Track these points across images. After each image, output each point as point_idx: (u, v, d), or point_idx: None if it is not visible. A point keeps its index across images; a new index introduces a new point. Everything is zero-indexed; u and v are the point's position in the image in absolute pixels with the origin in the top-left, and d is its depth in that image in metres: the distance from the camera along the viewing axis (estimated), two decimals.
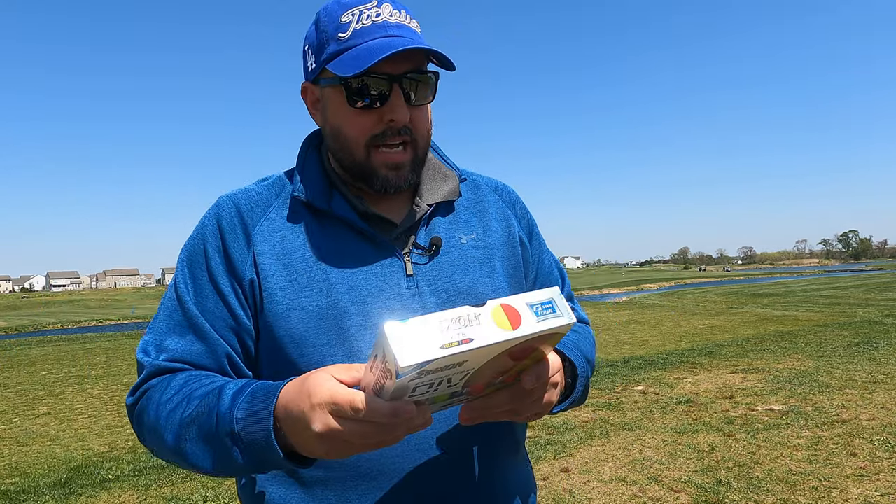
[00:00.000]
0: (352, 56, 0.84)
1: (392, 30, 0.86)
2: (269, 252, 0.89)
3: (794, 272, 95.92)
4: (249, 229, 0.90)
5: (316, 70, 0.90)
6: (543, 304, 0.65)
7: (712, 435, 4.75)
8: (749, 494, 3.57)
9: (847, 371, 6.80)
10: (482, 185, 1.07)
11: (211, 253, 0.89)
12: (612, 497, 3.69)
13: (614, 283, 61.22)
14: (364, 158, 0.89)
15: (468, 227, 0.99)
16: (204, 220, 0.93)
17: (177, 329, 0.87)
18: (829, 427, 4.75)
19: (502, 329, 0.61)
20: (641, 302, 24.36)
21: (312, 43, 0.91)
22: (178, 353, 0.86)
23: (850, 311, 14.55)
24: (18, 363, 13.22)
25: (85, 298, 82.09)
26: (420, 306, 0.89)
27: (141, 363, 0.87)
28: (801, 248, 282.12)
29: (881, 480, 3.65)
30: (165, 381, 0.84)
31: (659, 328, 13.43)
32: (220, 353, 0.86)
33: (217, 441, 0.73)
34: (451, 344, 0.57)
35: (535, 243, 1.09)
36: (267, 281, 0.87)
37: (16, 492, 4.48)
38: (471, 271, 0.95)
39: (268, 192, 0.95)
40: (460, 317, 0.60)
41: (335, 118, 0.90)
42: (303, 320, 0.86)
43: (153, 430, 0.82)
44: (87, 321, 36.45)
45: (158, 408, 0.81)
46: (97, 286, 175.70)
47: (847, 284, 28.95)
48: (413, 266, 0.92)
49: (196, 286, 0.89)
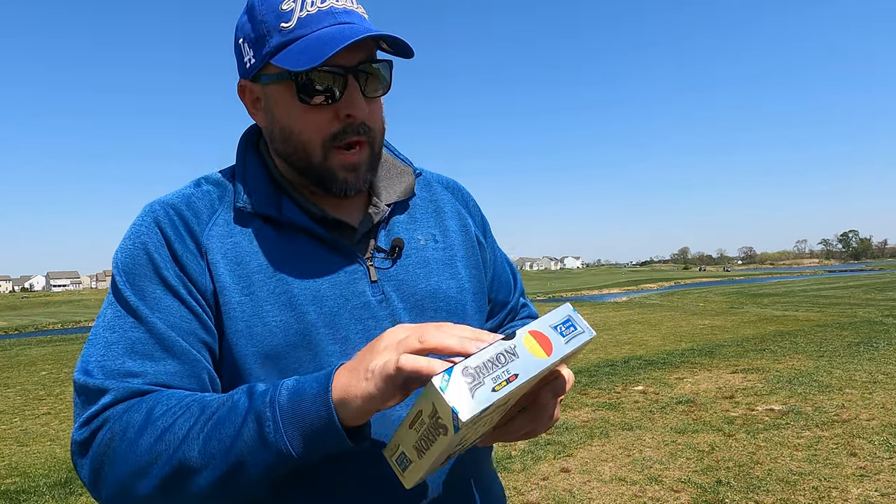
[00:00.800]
0: (301, 48, 0.76)
1: (341, 16, 0.78)
2: (222, 261, 0.79)
3: (794, 272, 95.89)
4: (198, 235, 0.80)
5: (256, 66, 0.81)
6: (564, 324, 0.66)
7: (712, 435, 4.75)
8: (749, 494, 3.57)
9: (847, 371, 6.79)
10: (433, 182, 1.02)
11: (160, 262, 0.77)
12: (612, 497, 3.69)
13: (614, 283, 61.20)
14: (321, 161, 0.81)
15: (426, 228, 0.94)
16: (138, 228, 0.80)
17: (139, 348, 0.73)
18: (829, 427, 4.75)
19: (539, 358, 0.61)
20: (641, 302, 24.35)
21: (248, 35, 0.81)
22: (152, 377, 0.72)
23: (850, 311, 14.54)
24: (18, 363, 13.22)
25: (85, 298, 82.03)
26: (388, 314, 0.84)
27: (97, 387, 0.70)
28: (801, 248, 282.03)
29: (881, 480, 3.65)
30: (141, 403, 0.69)
31: (659, 328, 13.42)
32: (200, 372, 0.75)
33: (244, 424, 0.63)
34: (500, 385, 0.57)
35: (490, 241, 1.06)
36: (224, 294, 0.78)
37: (16, 492, 4.48)
38: (434, 273, 0.90)
39: (209, 198, 0.84)
40: (499, 354, 0.59)
41: (285, 118, 0.81)
42: (266, 337, 0.77)
43: (132, 461, 0.66)
44: (87, 321, 36.42)
45: (145, 428, 0.66)
46: (97, 286, 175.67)
47: (847, 284, 28.94)
48: (377, 271, 0.86)
49: (150, 302, 0.76)
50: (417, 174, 0.97)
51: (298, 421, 0.63)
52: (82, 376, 0.73)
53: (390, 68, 0.84)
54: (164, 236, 0.79)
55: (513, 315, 1.09)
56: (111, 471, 0.68)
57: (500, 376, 0.58)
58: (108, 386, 0.71)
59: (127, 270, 0.78)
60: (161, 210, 0.81)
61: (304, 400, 0.64)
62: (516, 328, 0.95)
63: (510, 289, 1.09)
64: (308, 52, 0.75)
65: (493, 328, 1.05)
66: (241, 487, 0.66)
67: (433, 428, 0.58)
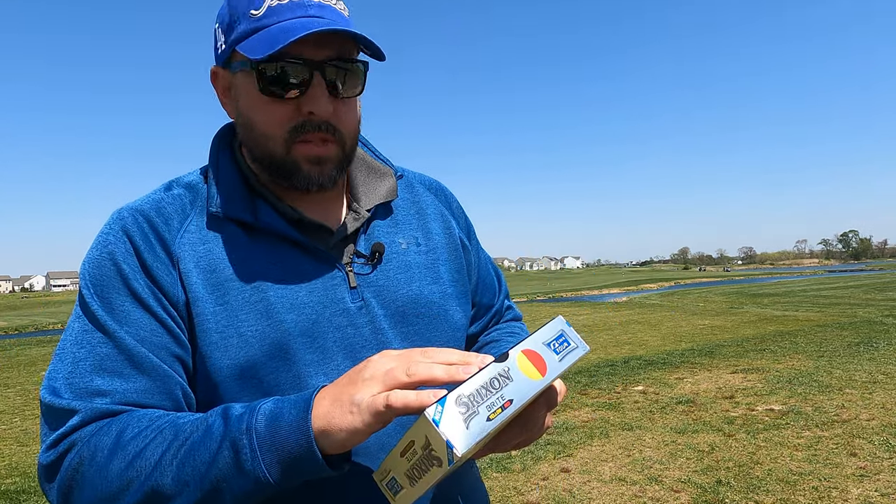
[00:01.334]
0: (263, 37, 0.73)
1: (313, 9, 0.76)
2: (194, 269, 0.76)
3: (794, 272, 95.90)
4: (168, 244, 0.77)
5: (226, 52, 0.79)
6: (558, 339, 0.64)
7: (712, 435, 4.75)
8: (749, 494, 3.57)
9: (847, 371, 6.79)
10: (415, 182, 0.99)
11: (129, 273, 0.74)
12: (612, 497, 3.69)
13: (614, 283, 61.18)
14: (283, 154, 0.78)
15: (408, 231, 0.91)
16: (105, 237, 0.77)
17: (107, 365, 0.70)
18: (829, 427, 4.75)
19: (533, 379, 0.60)
20: (641, 302, 24.35)
21: (223, 21, 0.79)
22: (121, 395, 0.69)
23: (850, 311, 14.54)
24: (18, 363, 13.21)
25: None
26: (368, 321, 0.82)
27: (64, 408, 0.67)
28: (801, 248, 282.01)
29: (881, 480, 3.65)
30: (115, 423, 0.67)
31: (659, 328, 13.42)
32: (173, 388, 0.72)
33: (219, 452, 0.61)
34: (495, 413, 0.56)
35: (474, 243, 1.03)
36: (197, 304, 0.74)
37: (16, 492, 4.48)
38: (416, 279, 0.88)
39: (180, 202, 0.81)
40: (492, 378, 0.58)
41: (247, 108, 0.78)
42: (242, 348, 0.74)
43: (101, 486, 0.64)
44: None
45: (113, 453, 0.64)
46: None
47: (847, 284, 28.94)
48: (356, 277, 0.83)
49: (118, 315, 0.72)
50: (399, 176, 0.94)
51: (276, 449, 0.61)
52: (49, 395, 0.69)
53: (365, 69, 0.80)
54: (134, 245, 0.76)
55: (497, 318, 1.08)
56: (80, 496, 0.65)
57: (495, 403, 0.56)
58: (75, 406, 0.68)
59: (94, 282, 0.74)
60: (130, 217, 0.78)
61: (281, 427, 0.61)
62: (508, 345, 0.93)
63: (495, 291, 1.07)
64: (267, 41, 0.72)
65: (478, 332, 1.04)
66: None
67: (426, 459, 0.56)
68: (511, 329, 1.04)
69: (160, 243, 0.77)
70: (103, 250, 0.76)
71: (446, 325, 0.90)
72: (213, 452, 0.62)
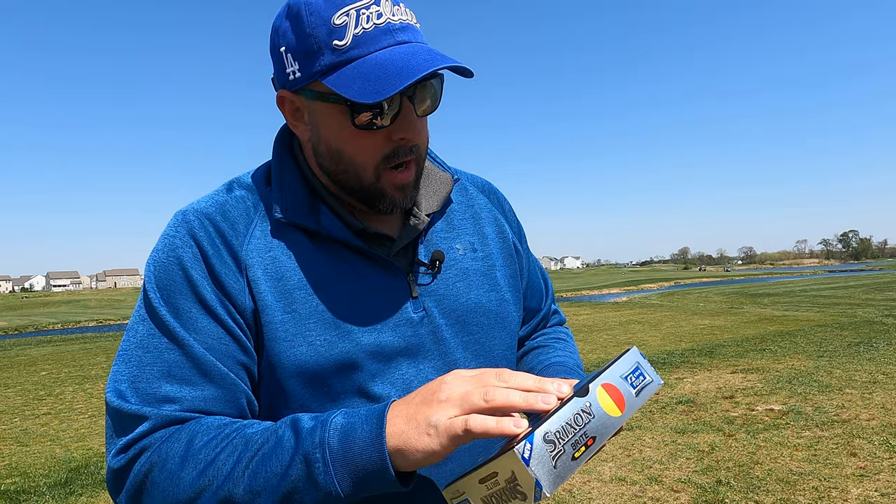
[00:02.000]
0: (360, 74, 0.70)
1: (399, 34, 0.73)
2: (263, 277, 0.76)
3: (794, 272, 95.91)
4: (236, 250, 0.76)
5: (303, 81, 0.75)
6: (634, 373, 0.65)
7: (712, 435, 4.75)
8: (749, 494, 3.57)
9: (847, 371, 6.79)
10: (468, 184, 0.98)
11: (197, 280, 0.74)
12: (612, 497, 3.69)
13: (614, 283, 61.19)
14: (373, 182, 0.78)
15: (464, 236, 0.91)
16: (172, 240, 0.76)
17: (175, 372, 0.71)
18: (829, 427, 4.75)
19: (613, 416, 0.61)
20: (641, 302, 24.35)
21: (291, 45, 0.74)
22: (189, 403, 0.70)
23: (850, 311, 14.54)
24: (18, 363, 13.21)
25: (85, 298, 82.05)
26: (430, 330, 0.82)
27: (134, 414, 0.68)
28: (801, 248, 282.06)
29: (881, 480, 3.65)
30: (180, 431, 0.68)
31: (659, 328, 13.42)
32: (238, 397, 0.73)
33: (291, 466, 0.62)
34: (580, 452, 0.57)
35: (524, 247, 1.03)
36: (266, 312, 0.75)
37: (16, 492, 4.48)
38: (474, 286, 0.88)
39: (244, 205, 0.81)
40: (576, 414, 0.58)
41: (334, 139, 0.77)
42: (310, 356, 0.75)
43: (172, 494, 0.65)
44: (87, 321, 36.42)
45: (187, 460, 0.65)
46: (97, 286, 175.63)
47: (847, 284, 28.92)
48: (417, 287, 0.83)
49: (185, 321, 0.73)
50: (456, 180, 0.92)
51: (349, 465, 0.61)
52: (116, 399, 0.70)
53: (441, 85, 0.79)
54: (202, 251, 0.75)
55: (544, 322, 1.09)
56: (149, 501, 0.67)
57: (579, 441, 0.57)
58: (144, 413, 0.68)
59: (161, 286, 0.74)
60: (196, 221, 0.77)
61: (355, 443, 0.61)
62: (556, 353, 0.96)
63: (542, 296, 1.08)
64: (368, 80, 0.69)
65: (525, 336, 1.05)
66: None
67: (509, 492, 0.57)
68: (557, 335, 1.06)
69: (227, 249, 0.76)
70: (171, 254, 0.76)
71: (504, 332, 0.91)
72: (286, 465, 0.62)
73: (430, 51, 0.73)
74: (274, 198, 0.80)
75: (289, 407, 0.76)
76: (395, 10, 0.74)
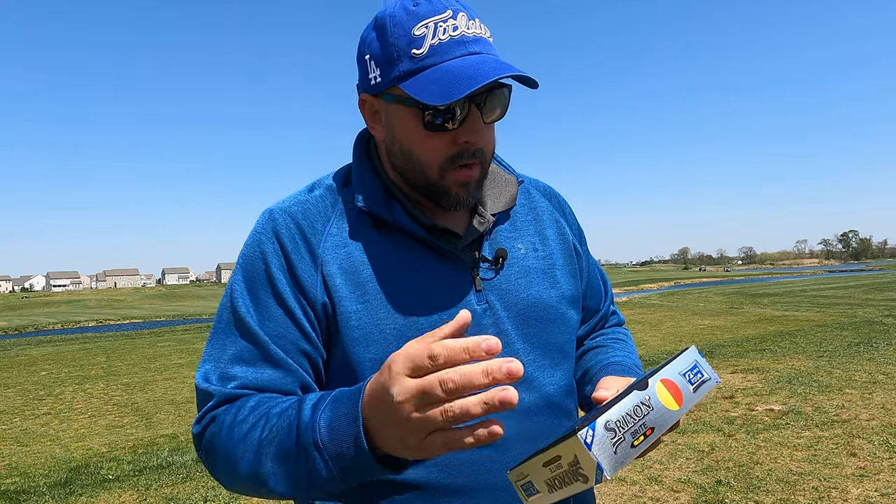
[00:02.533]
0: (433, 79, 0.77)
1: (472, 45, 0.79)
2: (338, 272, 0.84)
3: (794, 272, 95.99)
4: (314, 247, 0.84)
5: (382, 86, 0.82)
6: (692, 370, 0.68)
7: (712, 435, 4.75)
8: (749, 494, 3.57)
9: (847, 371, 6.79)
10: (531, 188, 1.04)
11: (275, 273, 0.83)
12: (612, 497, 3.69)
13: (614, 283, 61.24)
14: (437, 180, 0.84)
15: (526, 236, 0.96)
16: (259, 235, 0.86)
17: (244, 356, 0.81)
18: (829, 427, 4.75)
19: (671, 409, 0.64)
20: (641, 302, 24.36)
21: (376, 53, 0.82)
22: (248, 381, 0.80)
23: (850, 311, 14.55)
24: (18, 363, 13.23)
25: (85, 298, 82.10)
26: (492, 322, 0.87)
27: (207, 391, 0.81)
28: (801, 248, 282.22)
29: (881, 480, 3.65)
30: (235, 405, 0.78)
31: (659, 328, 13.43)
32: (293, 381, 0.82)
33: (299, 456, 0.68)
34: (638, 440, 0.60)
35: (584, 249, 1.07)
36: (341, 304, 0.82)
37: (16, 492, 4.48)
38: (535, 283, 0.92)
39: (323, 204, 0.89)
40: (636, 406, 0.61)
41: (406, 139, 0.84)
42: (382, 343, 0.82)
43: (226, 457, 0.76)
44: (87, 321, 36.43)
45: (231, 430, 0.75)
46: (97, 286, 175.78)
47: (847, 284, 28.95)
48: (481, 281, 0.89)
49: (261, 309, 0.83)
50: (520, 183, 0.98)
51: (344, 464, 0.65)
52: (198, 377, 0.83)
53: (509, 94, 0.85)
54: (282, 247, 0.84)
55: (603, 322, 1.13)
56: (215, 462, 0.79)
57: (639, 431, 0.60)
58: (212, 391, 0.80)
59: (246, 276, 0.85)
60: (280, 219, 0.86)
61: (343, 448, 0.65)
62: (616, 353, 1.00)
63: (601, 296, 1.12)
64: (439, 85, 0.76)
65: (584, 335, 1.09)
66: (315, 492, 0.72)
67: (571, 474, 0.60)
68: (616, 335, 1.09)
69: (306, 245, 0.85)
70: (257, 248, 0.86)
71: (563, 327, 0.95)
72: (294, 456, 0.69)
73: (497, 61, 0.79)
74: (355, 191, 0.89)
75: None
76: (471, 24, 0.81)
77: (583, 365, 1.02)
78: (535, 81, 0.80)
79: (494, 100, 0.82)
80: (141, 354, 13.80)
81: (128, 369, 11.26)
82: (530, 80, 0.80)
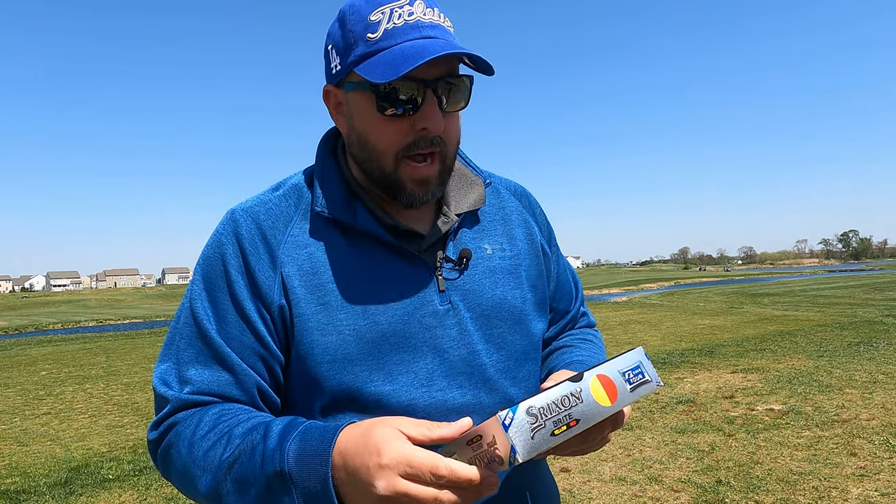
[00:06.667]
0: (384, 60, 0.77)
1: (427, 30, 0.79)
2: (297, 273, 0.83)
3: (794, 272, 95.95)
4: (273, 248, 0.84)
5: (341, 73, 0.83)
6: (633, 370, 0.68)
7: (712, 435, 4.75)
8: (749, 494, 3.57)
9: (847, 371, 6.79)
10: (500, 188, 1.03)
11: (233, 275, 0.83)
12: (612, 497, 3.69)
13: (614, 282, 61.21)
14: (392, 170, 0.83)
15: (493, 237, 0.95)
16: (220, 237, 0.86)
17: (199, 359, 0.81)
18: (829, 427, 4.75)
19: (602, 404, 0.64)
20: (641, 302, 24.34)
21: (337, 43, 0.83)
22: (203, 385, 0.80)
23: (850, 310, 14.54)
24: (18, 363, 13.22)
25: (85, 298, 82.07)
26: (455, 322, 0.86)
27: (163, 395, 0.81)
28: (801, 248, 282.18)
29: (881, 480, 3.65)
30: (195, 415, 0.78)
31: (659, 328, 13.42)
32: (249, 384, 0.81)
33: (261, 483, 0.68)
34: (560, 430, 0.60)
35: (554, 250, 1.06)
36: (298, 306, 0.82)
37: (16, 492, 4.48)
38: (500, 284, 0.92)
39: (286, 205, 0.88)
40: (564, 396, 0.61)
41: (362, 126, 0.83)
42: (340, 344, 0.81)
43: (184, 472, 0.76)
44: (87, 321, 36.44)
45: (192, 446, 0.75)
46: (97, 286, 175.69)
47: (847, 284, 28.93)
48: (445, 281, 0.88)
49: (218, 312, 0.82)
50: (487, 183, 0.97)
51: (306, 497, 0.66)
52: (154, 380, 0.83)
53: (471, 83, 0.84)
54: (241, 248, 0.84)
55: (572, 323, 1.12)
56: (172, 471, 0.79)
57: (562, 420, 0.60)
58: (168, 396, 0.80)
59: (206, 277, 0.85)
60: (241, 220, 0.86)
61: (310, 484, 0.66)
62: (580, 352, 0.99)
63: (571, 298, 1.11)
64: (389, 65, 0.76)
65: (552, 336, 1.07)
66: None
67: (489, 455, 0.60)
68: (584, 335, 1.08)
69: (265, 247, 0.84)
70: (217, 250, 0.85)
71: (528, 328, 0.94)
72: (255, 480, 0.70)
73: (449, 42, 0.79)
74: (316, 195, 0.87)
75: (321, 393, 0.82)
76: (427, 11, 0.81)
77: (547, 365, 1.01)
78: (489, 66, 0.80)
79: (452, 87, 0.81)
80: (141, 354, 13.79)
81: (128, 369, 11.25)
82: (485, 65, 0.80)
